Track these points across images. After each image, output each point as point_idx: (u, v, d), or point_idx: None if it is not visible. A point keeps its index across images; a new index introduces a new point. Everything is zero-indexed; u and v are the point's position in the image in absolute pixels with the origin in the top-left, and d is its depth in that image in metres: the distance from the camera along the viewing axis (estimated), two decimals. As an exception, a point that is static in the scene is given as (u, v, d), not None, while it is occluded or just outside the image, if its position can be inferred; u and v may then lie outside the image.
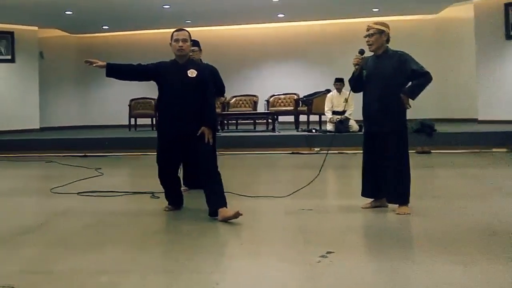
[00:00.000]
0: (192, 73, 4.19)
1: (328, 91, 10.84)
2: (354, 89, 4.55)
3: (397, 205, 4.25)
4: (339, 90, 10.00)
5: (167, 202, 4.49)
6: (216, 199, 3.99)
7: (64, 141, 10.59)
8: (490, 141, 8.93)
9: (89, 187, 5.75)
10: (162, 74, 4.28)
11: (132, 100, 13.51)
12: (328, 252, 3.11)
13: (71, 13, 12.36)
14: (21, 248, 3.47)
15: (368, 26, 4.35)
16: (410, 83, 4.28)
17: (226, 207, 3.96)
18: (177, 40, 4.24)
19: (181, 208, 4.49)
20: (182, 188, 5.50)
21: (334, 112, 9.99)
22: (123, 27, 14.69)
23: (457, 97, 13.06)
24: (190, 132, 4.10)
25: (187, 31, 4.33)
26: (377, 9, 12.68)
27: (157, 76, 4.30)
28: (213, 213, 3.99)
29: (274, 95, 12.71)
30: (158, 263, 3.08)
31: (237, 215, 3.85)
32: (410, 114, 4.45)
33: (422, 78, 4.22)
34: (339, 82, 9.82)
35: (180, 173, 5.76)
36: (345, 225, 3.97)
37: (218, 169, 4.19)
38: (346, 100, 9.16)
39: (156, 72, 4.30)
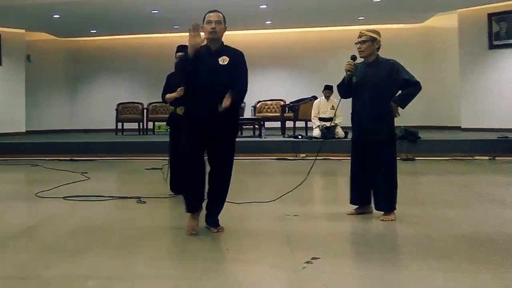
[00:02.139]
0: (224, 60, 3.85)
1: (314, 97, 10.93)
2: (344, 95, 4.57)
3: (382, 211, 4.32)
4: (327, 97, 10.08)
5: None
6: (211, 211, 3.95)
7: (50, 145, 10.51)
8: (473, 148, 9.08)
9: (75, 192, 5.74)
10: (196, 61, 3.86)
11: (119, 104, 13.50)
12: (314, 258, 3.15)
13: (58, 16, 12.32)
14: (8, 253, 3.46)
15: (361, 32, 4.39)
16: (399, 92, 4.36)
17: (219, 224, 3.95)
18: (209, 22, 3.84)
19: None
20: (168, 193, 5.58)
21: (320, 119, 10.08)
22: (111, 31, 14.68)
23: (441, 105, 13.26)
24: (218, 122, 3.79)
25: (221, 12, 3.93)
26: (362, 17, 12.83)
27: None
28: (208, 221, 3.96)
29: (260, 101, 12.78)
30: (146, 268, 3.09)
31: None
32: (394, 121, 4.52)
33: (412, 88, 4.29)
34: (328, 89, 9.90)
35: (167, 179, 5.83)
36: (331, 231, 4.02)
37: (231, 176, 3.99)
38: (333, 107, 9.26)
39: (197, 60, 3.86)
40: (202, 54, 3.87)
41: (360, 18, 12.87)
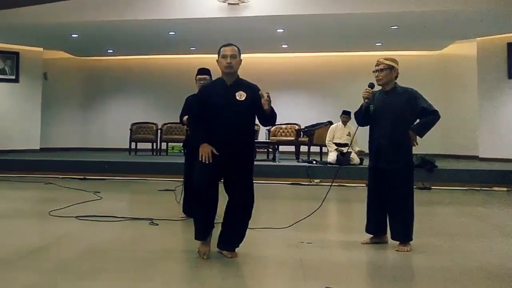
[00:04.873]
0: (241, 95, 3.79)
1: (330, 122, 10.88)
2: (361, 122, 4.54)
3: (398, 241, 4.23)
4: (344, 123, 10.02)
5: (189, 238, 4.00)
6: (232, 238, 3.89)
7: (63, 163, 10.57)
8: (491, 179, 8.92)
9: (88, 211, 5.73)
10: (209, 97, 3.82)
11: (133, 124, 13.57)
12: (327, 288, 3.07)
13: (76, 36, 12.49)
14: (18, 273, 3.43)
15: (378, 61, 4.37)
16: (418, 121, 4.32)
17: (235, 250, 3.89)
18: (225, 56, 3.80)
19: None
20: (180, 216, 5.53)
21: (335, 144, 10.01)
22: (128, 51, 14.84)
23: (458, 134, 13.11)
24: (235, 159, 3.77)
25: (236, 46, 3.90)
26: (380, 43, 12.83)
27: (205, 104, 3.85)
28: (221, 247, 3.92)
29: (275, 125, 12.74)
30: (155, 293, 3.04)
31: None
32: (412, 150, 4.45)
33: (430, 116, 4.27)
34: (346, 114, 9.84)
35: (180, 201, 5.79)
36: (345, 260, 3.93)
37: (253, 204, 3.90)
38: (349, 134, 9.18)
39: (206, 102, 3.84)
40: (216, 87, 3.87)
41: (377, 44, 12.87)
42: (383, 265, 3.89)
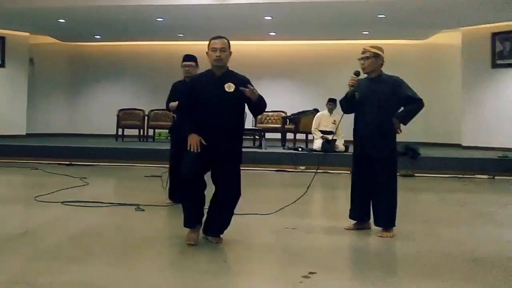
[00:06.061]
0: (229, 87, 3.79)
1: (316, 110, 10.94)
2: (346, 110, 4.58)
3: (381, 227, 4.32)
4: (330, 111, 10.09)
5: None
6: (217, 225, 3.93)
7: (50, 149, 10.53)
8: (473, 167, 9.07)
9: (74, 197, 5.74)
10: (197, 89, 3.85)
11: (120, 110, 13.52)
12: (311, 273, 3.14)
13: (63, 21, 12.37)
14: (5, 258, 3.44)
15: (364, 49, 4.40)
16: (402, 108, 4.38)
17: (220, 236, 3.94)
18: (214, 50, 3.80)
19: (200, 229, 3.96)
20: (166, 202, 5.57)
21: (320, 131, 10.09)
22: (116, 37, 14.74)
23: (442, 122, 13.27)
24: (223, 151, 3.80)
25: (225, 38, 3.88)
26: (367, 32, 12.89)
27: (194, 96, 3.86)
28: (207, 233, 3.96)
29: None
30: (143, 278, 3.07)
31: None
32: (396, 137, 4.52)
33: (415, 104, 4.33)
34: (332, 102, 9.90)
35: (167, 187, 5.83)
36: (329, 246, 4.01)
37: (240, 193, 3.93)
38: (335, 122, 9.26)
39: (194, 93, 3.85)
40: (206, 79, 3.88)
41: (364, 32, 12.92)
42: (366, 250, 3.97)
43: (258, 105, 3.87)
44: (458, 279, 3.13)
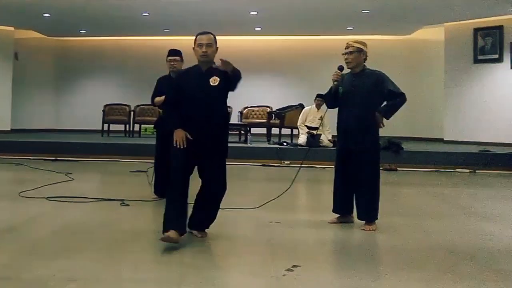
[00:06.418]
0: (214, 80, 3.82)
1: (301, 105, 11.01)
2: (330, 105, 4.65)
3: (364, 221, 4.38)
4: (318, 106, 10.11)
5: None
6: (203, 220, 3.97)
7: (35, 144, 10.47)
8: (455, 161, 9.22)
9: (59, 192, 5.74)
10: (183, 84, 3.88)
11: (106, 105, 13.47)
12: (294, 266, 3.19)
13: (48, 15, 12.27)
14: (-11, 253, 3.45)
15: (348, 44, 4.45)
16: (385, 103, 4.43)
17: (205, 231, 3.98)
18: (201, 45, 3.82)
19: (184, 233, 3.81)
20: (152, 196, 5.59)
21: (307, 127, 10.14)
22: (101, 32, 14.66)
23: (425, 117, 13.43)
24: (209, 145, 3.82)
25: (212, 34, 3.91)
26: (351, 27, 12.97)
27: (180, 91, 3.90)
28: (192, 227, 3.98)
29: (247, 107, 12.83)
30: (126, 272, 3.10)
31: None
32: (379, 132, 4.58)
33: (397, 99, 4.37)
34: (320, 98, 9.90)
35: (152, 182, 5.84)
36: (312, 239, 4.06)
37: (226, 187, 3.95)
38: (321, 118, 9.31)
39: (180, 88, 3.89)
40: (192, 74, 3.90)
41: (348, 28, 13.01)
42: (349, 243, 4.04)
43: (234, 77, 3.82)
44: (439, 271, 3.19)
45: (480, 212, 5.39)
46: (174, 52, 5.52)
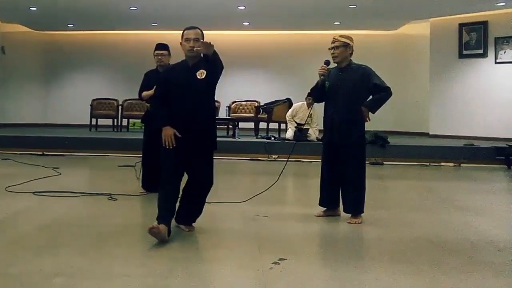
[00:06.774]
0: (201, 74, 3.80)
1: (289, 100, 11.04)
2: (317, 99, 4.70)
3: (350, 214, 4.43)
4: (309, 105, 10.07)
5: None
6: (190, 214, 3.99)
7: (22, 139, 10.39)
8: (440, 155, 9.32)
9: (46, 187, 5.73)
10: (171, 79, 3.89)
11: (94, 100, 13.38)
12: (281, 259, 3.23)
13: (35, 9, 12.15)
14: (-24, 248, 3.44)
15: (334, 38, 4.48)
16: (371, 97, 4.46)
17: (192, 225, 4.01)
18: (188, 40, 3.80)
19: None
20: (139, 191, 5.60)
21: (296, 123, 10.11)
22: (89, 26, 14.52)
23: (410, 111, 13.53)
24: (197, 140, 3.82)
25: (199, 29, 3.88)
26: (338, 23, 13.01)
27: (168, 86, 3.90)
28: (179, 221, 4.01)
29: (235, 102, 12.83)
30: (114, 266, 3.11)
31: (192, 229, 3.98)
32: (365, 126, 4.61)
33: (383, 93, 4.40)
34: (312, 96, 9.80)
35: (140, 176, 5.85)
36: (299, 232, 4.10)
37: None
38: (310, 116, 9.31)
39: (168, 83, 3.89)
40: (179, 69, 3.91)
41: (335, 23, 13.04)
42: (335, 236, 4.09)
43: (213, 61, 3.76)
44: (424, 264, 3.24)
45: (464, 205, 5.47)
46: (161, 46, 5.53)
